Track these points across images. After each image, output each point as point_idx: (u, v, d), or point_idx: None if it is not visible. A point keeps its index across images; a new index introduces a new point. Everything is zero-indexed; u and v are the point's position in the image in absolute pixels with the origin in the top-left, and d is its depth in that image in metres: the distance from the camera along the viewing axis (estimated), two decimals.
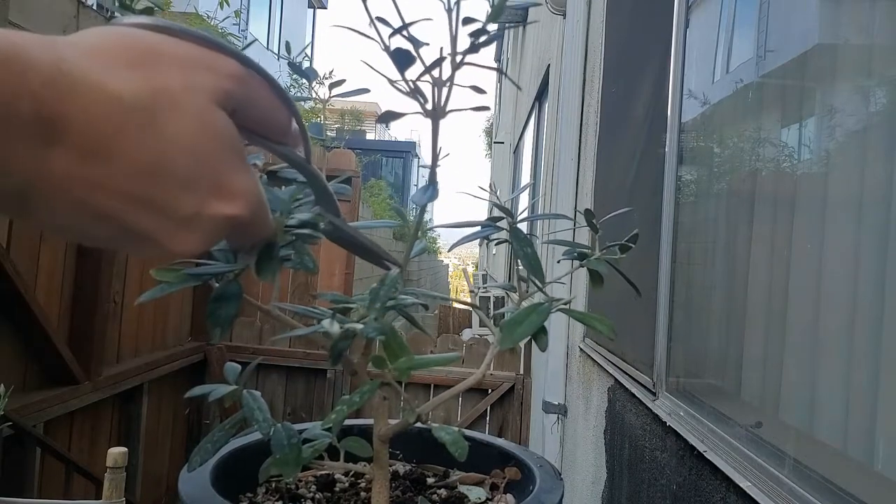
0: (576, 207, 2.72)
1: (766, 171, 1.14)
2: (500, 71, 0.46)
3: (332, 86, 0.52)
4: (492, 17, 0.40)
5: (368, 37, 0.41)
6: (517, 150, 8.16)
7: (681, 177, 1.53)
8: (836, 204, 0.90)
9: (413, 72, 0.41)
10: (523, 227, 0.51)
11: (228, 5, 5.42)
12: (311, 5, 17.94)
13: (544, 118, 4.88)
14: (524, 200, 5.44)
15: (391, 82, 0.41)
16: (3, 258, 2.35)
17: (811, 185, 0.99)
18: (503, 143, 11.25)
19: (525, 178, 6.68)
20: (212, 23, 5.56)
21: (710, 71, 1.48)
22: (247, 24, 12.39)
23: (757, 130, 1.20)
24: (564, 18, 3.09)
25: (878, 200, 0.82)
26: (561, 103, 3.00)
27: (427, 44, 0.40)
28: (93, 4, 2.96)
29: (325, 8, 18.96)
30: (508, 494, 0.64)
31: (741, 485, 0.95)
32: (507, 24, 0.47)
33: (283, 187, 0.51)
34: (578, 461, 2.41)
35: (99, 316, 2.98)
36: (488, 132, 19.00)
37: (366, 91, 0.44)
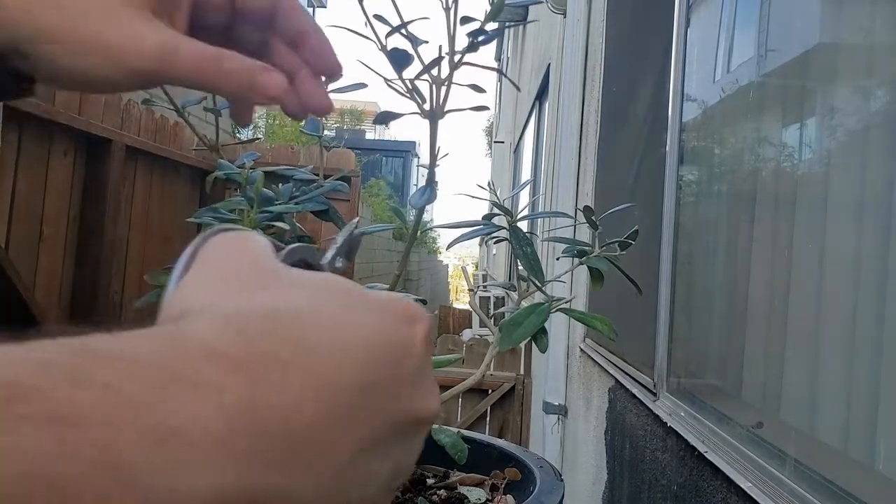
0: (576, 207, 2.72)
1: (767, 171, 1.14)
2: (499, 71, 0.45)
3: (328, 81, 0.51)
4: (490, 17, 0.39)
5: (365, 36, 0.40)
6: (517, 150, 8.16)
7: (682, 176, 1.53)
8: (837, 204, 0.90)
9: (411, 71, 0.40)
10: (523, 226, 0.51)
11: None
12: (310, 4, 17.93)
13: (545, 117, 4.88)
14: (524, 199, 5.43)
15: (387, 82, 0.40)
16: (2, 259, 2.35)
17: (812, 185, 0.98)
18: (503, 142, 11.24)
19: (525, 177, 6.67)
20: None
21: (711, 70, 1.47)
22: None
23: (758, 130, 1.20)
24: (565, 17, 3.08)
25: (879, 200, 0.81)
26: (561, 103, 2.99)
27: (426, 41, 0.40)
28: None
29: (325, 7, 18.97)
30: (508, 495, 0.64)
31: (742, 485, 0.95)
32: (507, 23, 0.46)
33: (281, 185, 0.51)
34: (579, 462, 2.41)
35: (97, 317, 2.98)
36: (488, 131, 19.00)
37: (363, 86, 0.43)
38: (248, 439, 0.19)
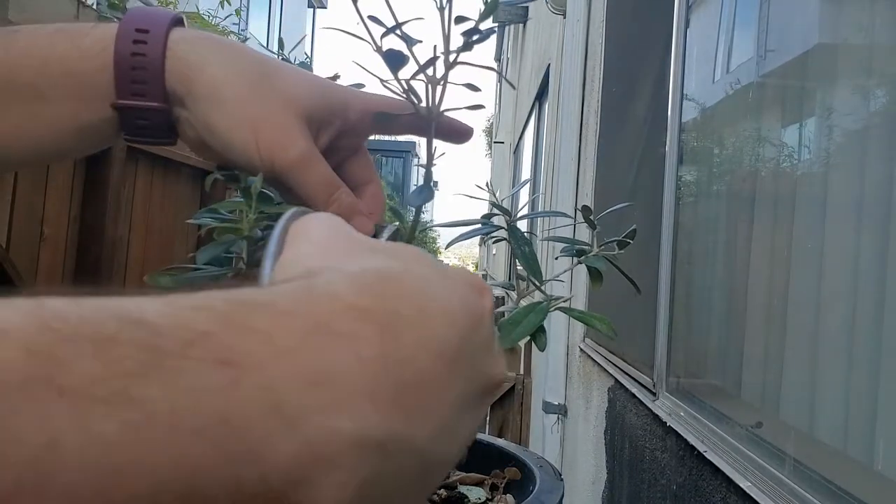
0: (575, 206, 2.72)
1: (767, 171, 1.14)
2: (494, 70, 0.45)
3: None
4: (484, 16, 0.40)
5: (359, 37, 0.41)
6: (517, 150, 8.16)
7: (681, 176, 1.53)
8: (836, 204, 0.90)
9: (407, 71, 0.40)
10: (522, 225, 0.51)
11: (230, 4, 5.42)
12: (310, 5, 17.94)
13: (544, 118, 4.88)
14: (524, 199, 5.44)
15: (383, 82, 0.40)
16: (2, 258, 2.35)
17: (811, 185, 0.98)
18: (503, 142, 11.24)
19: (525, 178, 6.67)
20: (212, 21, 5.56)
21: (710, 71, 1.47)
22: (246, 23, 12.40)
23: (757, 130, 1.20)
24: (565, 18, 3.09)
25: (878, 200, 0.81)
26: (561, 103, 3.00)
27: (420, 41, 0.40)
28: (93, 4, 2.96)
29: (325, 7, 18.97)
30: (508, 495, 0.64)
31: (741, 485, 0.95)
32: (506, 23, 0.46)
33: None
34: (579, 461, 2.41)
35: None
36: (488, 132, 19.00)
37: (360, 87, 0.44)
38: (383, 387, 0.20)
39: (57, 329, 0.16)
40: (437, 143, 0.43)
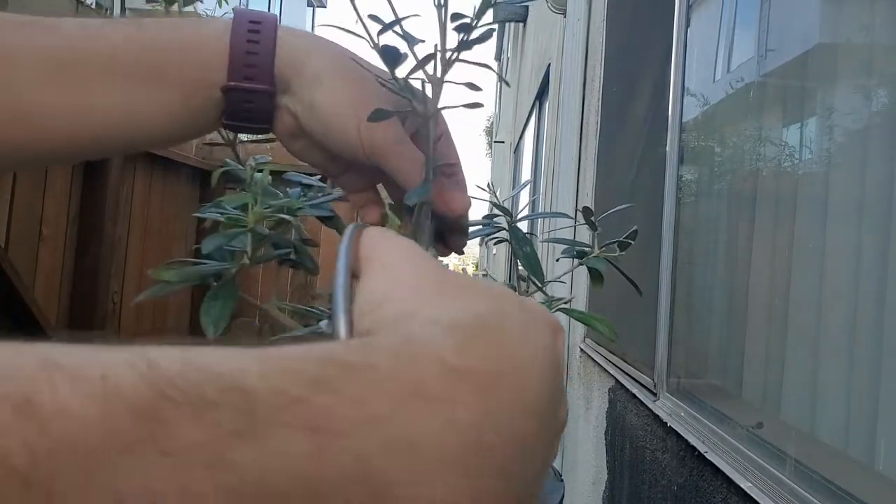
0: (576, 207, 2.72)
1: (767, 171, 1.14)
2: (488, 67, 0.45)
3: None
4: (479, 14, 0.40)
5: (358, 35, 0.41)
6: (517, 150, 8.15)
7: (682, 176, 1.53)
8: (837, 203, 0.90)
9: (405, 69, 0.40)
10: (523, 226, 0.51)
11: (227, 3, 5.41)
12: (310, 4, 17.95)
13: (545, 117, 4.88)
14: (524, 199, 5.43)
15: (380, 80, 0.40)
16: (2, 259, 2.35)
17: (812, 185, 0.98)
18: (503, 142, 11.24)
19: (525, 177, 6.67)
20: None
21: (711, 70, 1.47)
22: None
23: (758, 130, 1.20)
24: (565, 17, 3.08)
25: (879, 200, 0.81)
26: (561, 102, 2.99)
27: (422, 41, 0.40)
28: (92, 3, 2.95)
29: (325, 7, 18.97)
30: None
31: (742, 485, 0.95)
32: (504, 21, 0.46)
33: (288, 189, 0.51)
34: (579, 462, 2.41)
35: (98, 315, 2.98)
36: (488, 131, 19.01)
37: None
38: (475, 453, 0.20)
39: (162, 390, 0.16)
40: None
